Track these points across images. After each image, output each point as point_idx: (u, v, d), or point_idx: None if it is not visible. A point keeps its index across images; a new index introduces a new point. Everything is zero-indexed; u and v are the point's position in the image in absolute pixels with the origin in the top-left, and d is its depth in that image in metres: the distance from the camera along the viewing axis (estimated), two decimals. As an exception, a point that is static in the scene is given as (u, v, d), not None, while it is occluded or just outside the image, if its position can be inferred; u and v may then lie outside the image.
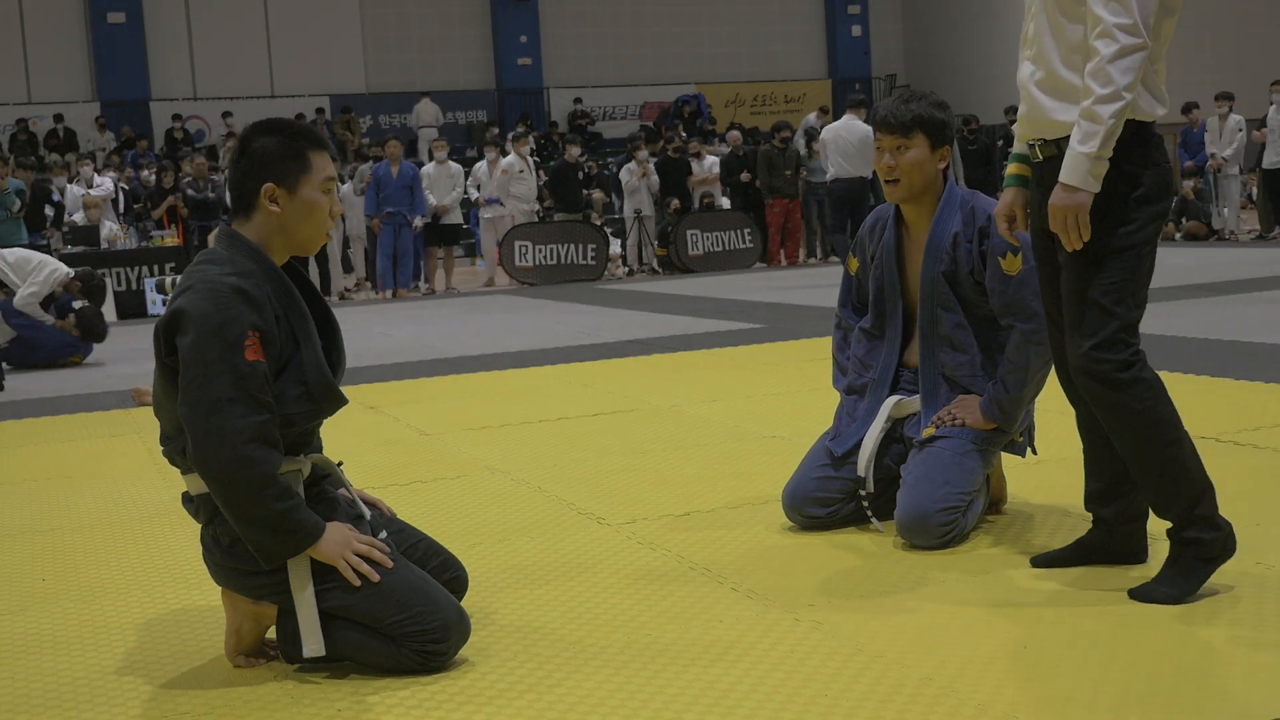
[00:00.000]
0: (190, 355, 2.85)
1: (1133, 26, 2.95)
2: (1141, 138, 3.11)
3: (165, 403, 3.00)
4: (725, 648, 3.02)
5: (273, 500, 2.83)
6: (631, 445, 5.59)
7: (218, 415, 2.81)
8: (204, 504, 3.02)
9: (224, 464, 2.81)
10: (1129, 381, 3.13)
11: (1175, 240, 17.97)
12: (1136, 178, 3.11)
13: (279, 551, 2.88)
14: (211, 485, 2.85)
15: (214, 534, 3.02)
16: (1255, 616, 3.02)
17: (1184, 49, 27.57)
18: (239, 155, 3.04)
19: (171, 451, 3.05)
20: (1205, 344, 7.66)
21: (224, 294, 2.87)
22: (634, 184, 17.98)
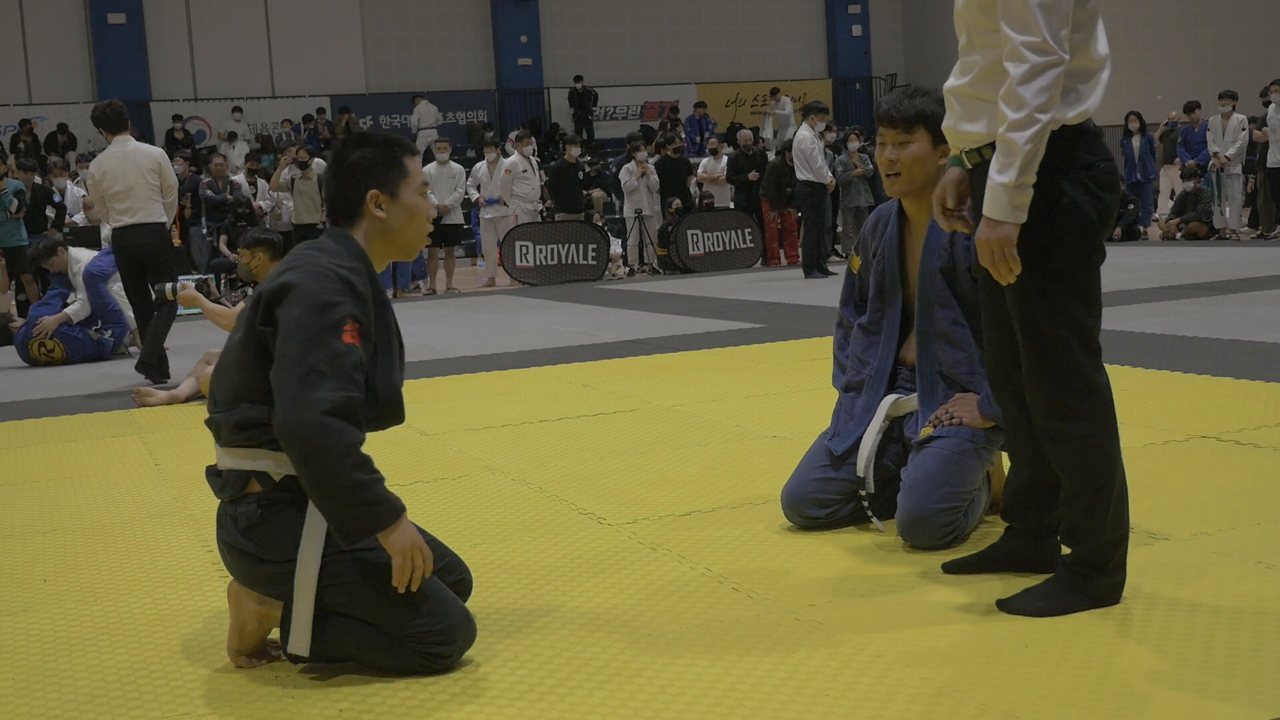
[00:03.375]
0: (291, 326, 2.87)
1: (1041, 44, 2.85)
2: (1065, 141, 2.99)
3: (233, 370, 3.02)
4: (725, 648, 3.02)
5: (354, 470, 2.81)
6: (632, 445, 5.59)
7: (309, 385, 2.82)
8: (232, 480, 3.03)
9: (309, 430, 2.79)
10: (1080, 415, 3.05)
11: (1176, 239, 17.97)
12: (1061, 192, 2.98)
13: (356, 525, 2.85)
14: (294, 452, 2.82)
15: (233, 513, 3.03)
16: (1257, 618, 3.02)
17: (1185, 48, 27.59)
18: (335, 167, 3.12)
19: (217, 419, 3.04)
20: (1206, 343, 7.66)
21: (332, 278, 2.93)
22: (634, 184, 17.98)
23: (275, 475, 2.99)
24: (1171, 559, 3.50)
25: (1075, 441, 3.06)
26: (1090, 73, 3.01)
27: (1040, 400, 3.09)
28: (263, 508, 2.99)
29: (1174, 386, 6.25)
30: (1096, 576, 3.13)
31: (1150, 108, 22.96)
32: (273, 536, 2.98)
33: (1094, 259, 3.04)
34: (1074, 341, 3.02)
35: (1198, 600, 3.15)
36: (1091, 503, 3.09)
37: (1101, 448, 3.07)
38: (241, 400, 2.98)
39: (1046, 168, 2.95)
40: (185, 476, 5.50)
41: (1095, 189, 3.00)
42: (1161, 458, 4.74)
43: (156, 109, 26.20)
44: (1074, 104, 2.99)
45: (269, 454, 2.98)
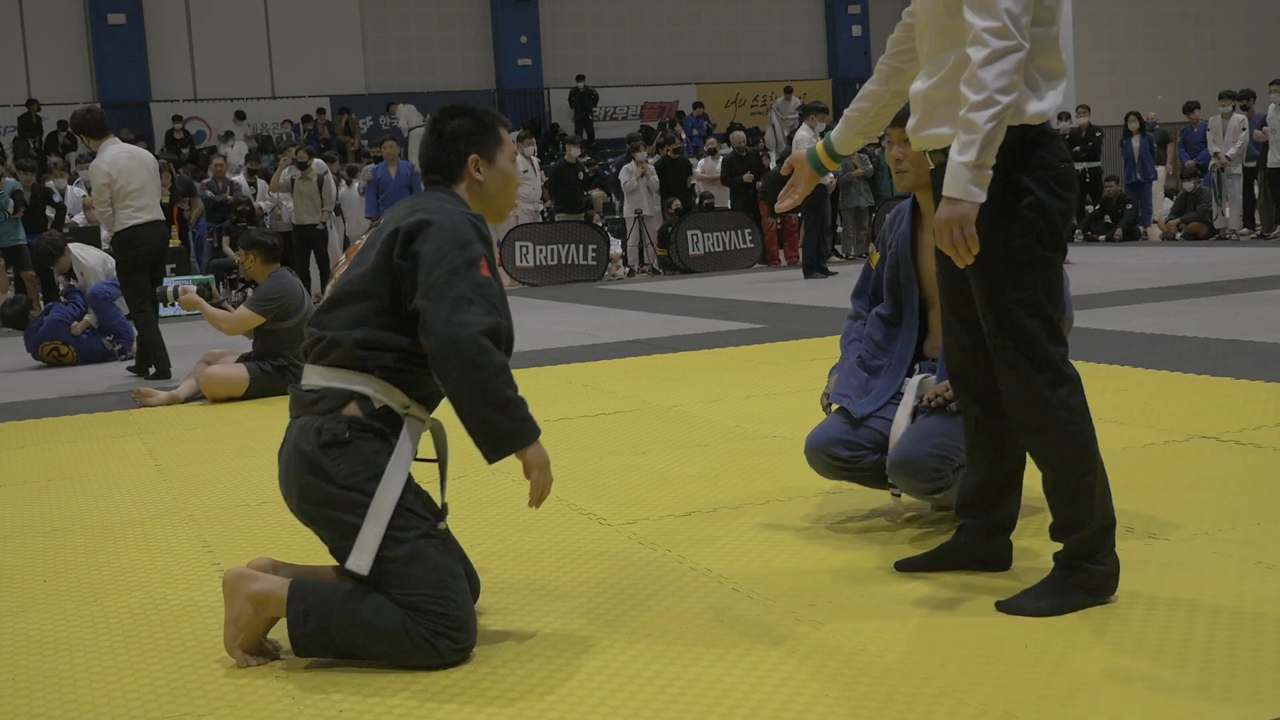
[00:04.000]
0: (434, 258, 3.03)
1: (1001, 29, 2.89)
2: (1027, 141, 3.04)
3: (358, 298, 3.12)
4: (726, 648, 3.02)
5: (508, 386, 3.01)
6: (632, 445, 5.59)
7: (461, 309, 2.99)
8: (331, 395, 3.10)
9: (467, 345, 2.96)
10: (1055, 404, 3.08)
11: (1176, 240, 17.97)
12: (1022, 189, 3.04)
13: (507, 438, 3.01)
14: (453, 365, 2.97)
15: (319, 425, 3.09)
16: (1257, 618, 3.02)
17: (1185, 48, 27.59)
18: (435, 134, 3.30)
19: (334, 336, 3.12)
20: (1206, 343, 7.66)
21: (465, 220, 3.13)
22: (633, 184, 17.98)
23: (376, 402, 3.10)
24: (1171, 559, 3.50)
25: (1053, 432, 3.09)
26: (1054, 74, 3.08)
27: (1015, 394, 3.11)
28: (352, 430, 3.08)
29: (1174, 386, 6.25)
30: (1089, 567, 3.14)
31: (1150, 108, 22.96)
32: (351, 460, 3.06)
33: (1057, 255, 3.11)
34: (1042, 333, 3.07)
35: (1198, 600, 3.15)
36: (1075, 491, 3.11)
37: (1080, 436, 3.09)
38: (367, 325, 3.10)
39: (1010, 166, 3.00)
40: (185, 477, 5.50)
41: (1057, 188, 3.06)
42: (1161, 458, 4.74)
43: (156, 109, 26.19)
44: (1036, 103, 3.04)
45: (378, 381, 3.10)
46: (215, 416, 7.26)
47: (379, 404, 3.11)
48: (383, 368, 3.10)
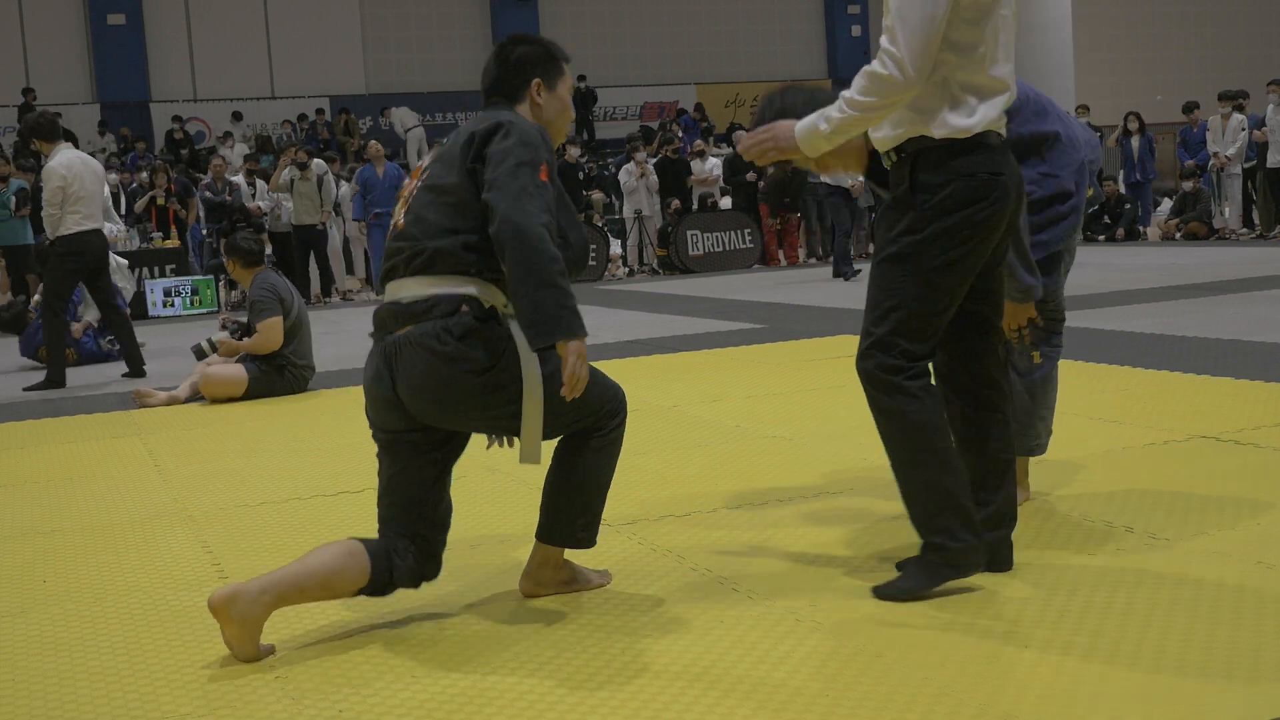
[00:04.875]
0: (500, 156, 3.21)
1: (898, 59, 3.13)
2: (949, 151, 3.22)
3: (448, 208, 3.27)
4: (726, 648, 3.02)
5: (562, 276, 3.16)
6: (632, 445, 5.57)
7: (524, 199, 3.15)
8: (445, 301, 3.22)
9: (528, 230, 3.11)
10: (894, 387, 3.26)
11: (1176, 240, 17.97)
12: (933, 190, 3.22)
13: (553, 325, 3.14)
14: (514, 247, 3.11)
15: (445, 325, 3.21)
16: (1257, 617, 3.02)
17: (1185, 48, 27.58)
18: (501, 59, 3.50)
19: (439, 246, 3.25)
20: (1205, 343, 7.66)
21: (533, 128, 3.32)
22: (633, 184, 17.98)
23: (485, 302, 3.24)
24: (1171, 559, 3.50)
25: (887, 408, 3.28)
26: (984, 90, 3.22)
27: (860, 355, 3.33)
28: (476, 317, 3.22)
29: (1174, 386, 6.25)
30: (945, 543, 3.27)
31: (1150, 108, 22.96)
32: (490, 342, 3.22)
33: (959, 263, 3.24)
34: (910, 328, 3.26)
35: (1198, 600, 3.15)
36: (913, 470, 3.28)
37: (914, 419, 3.26)
38: (462, 231, 3.25)
39: (924, 170, 3.23)
40: (185, 477, 5.50)
41: (969, 199, 3.21)
42: (1161, 458, 4.74)
43: (156, 110, 26.19)
44: (962, 118, 3.21)
45: (481, 283, 3.25)
46: (215, 417, 7.26)
47: (487, 304, 3.25)
48: (489, 270, 3.25)
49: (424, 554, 3.36)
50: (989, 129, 3.24)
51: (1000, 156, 3.26)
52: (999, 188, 3.24)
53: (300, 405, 7.50)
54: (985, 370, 3.45)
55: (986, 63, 3.22)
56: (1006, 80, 3.26)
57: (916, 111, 3.23)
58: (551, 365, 3.27)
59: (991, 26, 3.21)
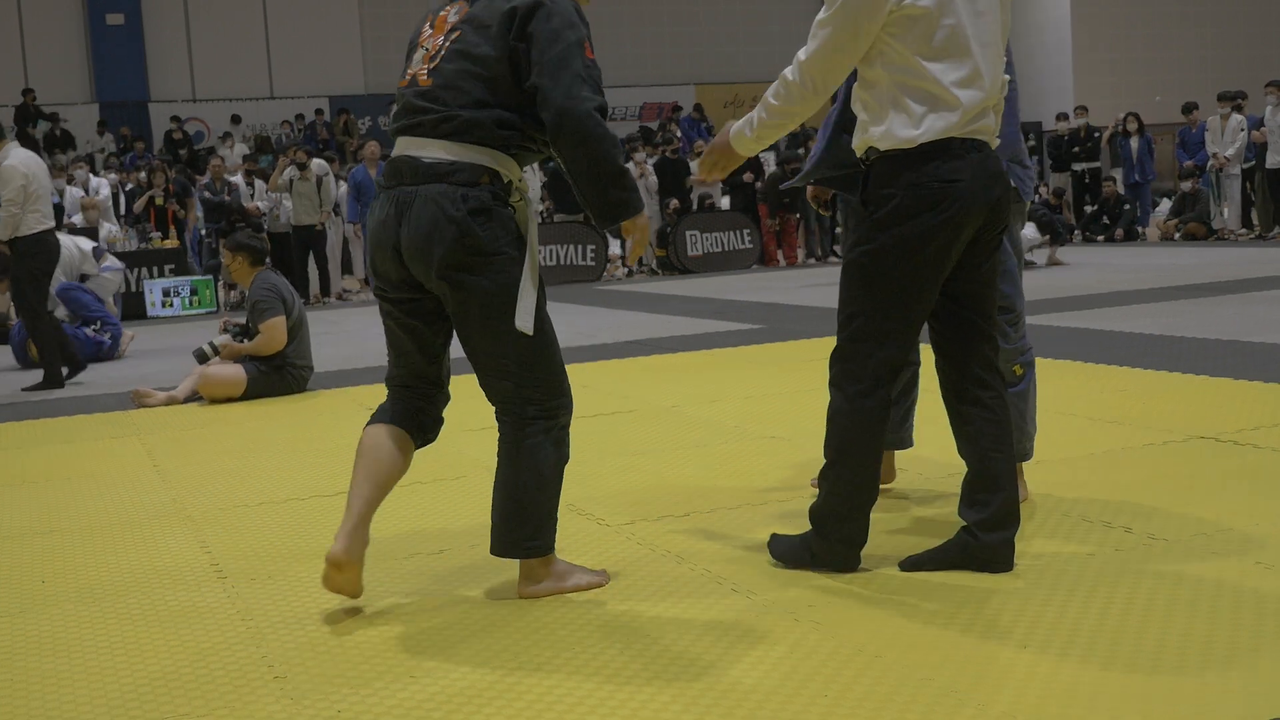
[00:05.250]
0: (548, 37, 3.28)
1: (804, 69, 3.34)
2: (897, 162, 3.32)
3: (481, 80, 3.33)
4: (725, 648, 3.02)
5: (619, 157, 3.32)
6: (631, 446, 5.59)
7: (576, 84, 3.26)
8: (467, 169, 3.32)
9: (585, 118, 3.25)
10: (842, 395, 3.45)
11: (1175, 240, 17.98)
12: (880, 201, 3.34)
13: (618, 207, 3.33)
14: (573, 136, 3.26)
15: (463, 194, 3.30)
16: (1256, 617, 3.02)
17: (1185, 48, 27.58)
18: None
19: (471, 116, 3.33)
20: (1204, 343, 7.66)
21: (571, 2, 3.36)
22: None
23: (505, 177, 3.35)
24: (1170, 559, 3.50)
25: (832, 411, 3.48)
26: (933, 99, 3.28)
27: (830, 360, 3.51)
28: (493, 198, 3.32)
29: (1172, 387, 6.25)
30: (818, 537, 3.51)
31: (1149, 108, 22.96)
32: (495, 228, 3.31)
33: (913, 270, 3.33)
34: (864, 332, 3.39)
35: (1196, 601, 3.15)
36: (834, 466, 3.48)
37: (842, 429, 3.45)
38: (495, 105, 3.32)
39: (877, 183, 3.35)
40: (184, 477, 5.50)
41: (920, 207, 3.29)
42: (1160, 458, 4.74)
43: (155, 110, 26.18)
44: (909, 128, 3.30)
45: (505, 157, 3.35)
46: (213, 417, 7.25)
47: (506, 178, 3.36)
48: (515, 144, 3.35)
49: (433, 410, 3.67)
50: (943, 138, 3.28)
51: (958, 163, 3.30)
52: (952, 195, 3.29)
53: (299, 405, 7.50)
54: (974, 373, 3.48)
55: (936, 73, 3.27)
56: (963, 88, 3.28)
57: (870, 122, 3.36)
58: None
59: (941, 38, 3.26)
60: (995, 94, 3.38)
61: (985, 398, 3.47)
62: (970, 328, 3.48)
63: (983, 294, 3.49)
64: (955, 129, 3.29)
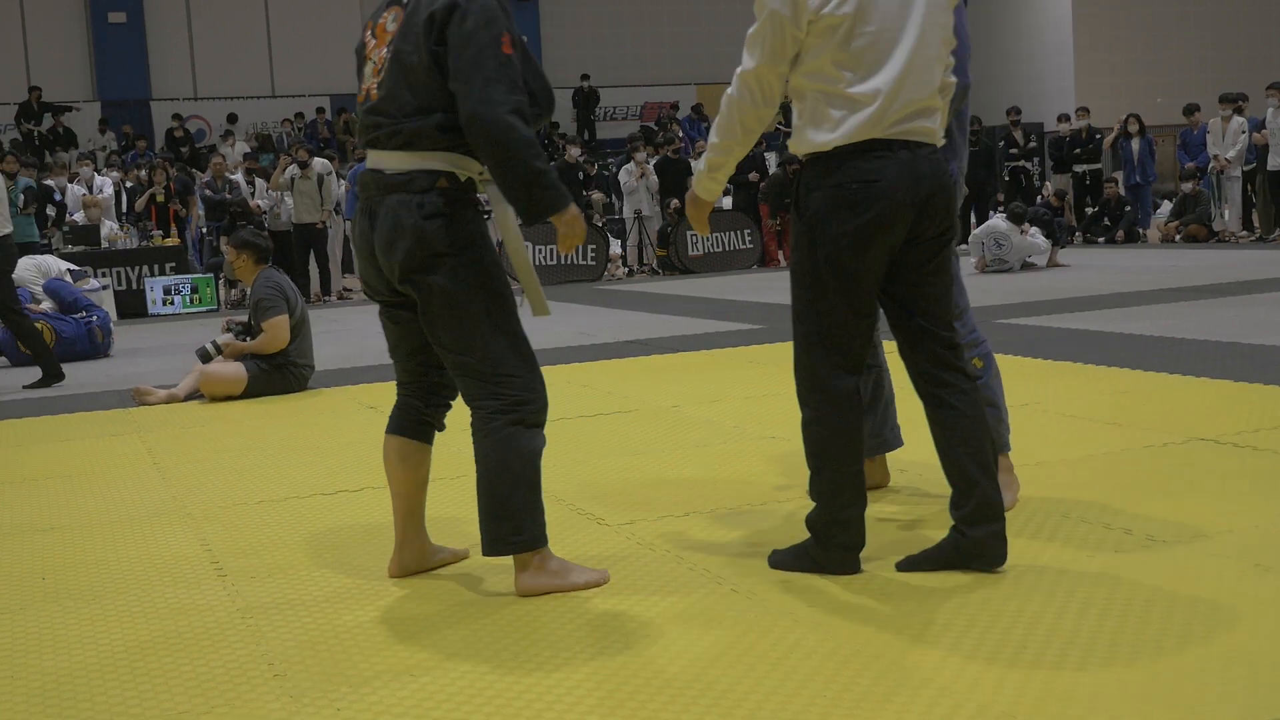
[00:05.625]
0: (461, 41, 3.34)
1: (742, 77, 3.39)
2: (818, 165, 3.39)
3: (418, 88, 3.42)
4: (725, 648, 3.02)
5: (537, 159, 3.35)
6: (631, 446, 5.59)
7: (490, 87, 3.32)
8: (421, 177, 3.42)
9: (497, 123, 3.30)
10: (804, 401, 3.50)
11: (1175, 242, 17.98)
12: (804, 206, 3.42)
13: (543, 204, 3.38)
14: (487, 143, 3.33)
15: (418, 200, 3.41)
16: (1256, 619, 3.02)
17: (1185, 49, 27.58)
18: None
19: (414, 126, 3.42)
20: (1205, 345, 7.66)
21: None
22: (633, 184, 17.98)
23: (461, 176, 3.45)
24: (1170, 561, 3.50)
25: (803, 424, 3.52)
26: (852, 102, 3.33)
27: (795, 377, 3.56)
28: (447, 200, 3.41)
29: (1172, 389, 6.26)
30: (817, 545, 3.53)
31: (1150, 110, 22.95)
32: (452, 227, 3.40)
33: (845, 272, 3.38)
34: (815, 340, 3.46)
35: (1196, 602, 3.15)
36: (814, 477, 3.52)
37: (816, 439, 3.49)
38: (437, 110, 3.40)
39: (800, 189, 3.43)
40: (184, 475, 5.50)
41: (843, 208, 3.34)
42: (1160, 460, 4.74)
43: (156, 108, 26.19)
44: (826, 131, 3.36)
45: (456, 157, 3.44)
46: (214, 415, 7.26)
47: (463, 177, 3.45)
48: (460, 145, 3.42)
49: (435, 400, 3.72)
50: (864, 139, 3.32)
51: (881, 163, 3.34)
52: (874, 194, 3.33)
53: (300, 404, 7.50)
54: (933, 374, 3.51)
55: (856, 78, 3.33)
56: (886, 92, 3.32)
57: (798, 127, 3.43)
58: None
59: (861, 45, 3.31)
60: (926, 97, 3.40)
61: (947, 396, 3.49)
62: (921, 331, 3.51)
63: (928, 295, 3.50)
64: (877, 130, 3.33)
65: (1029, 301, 11.02)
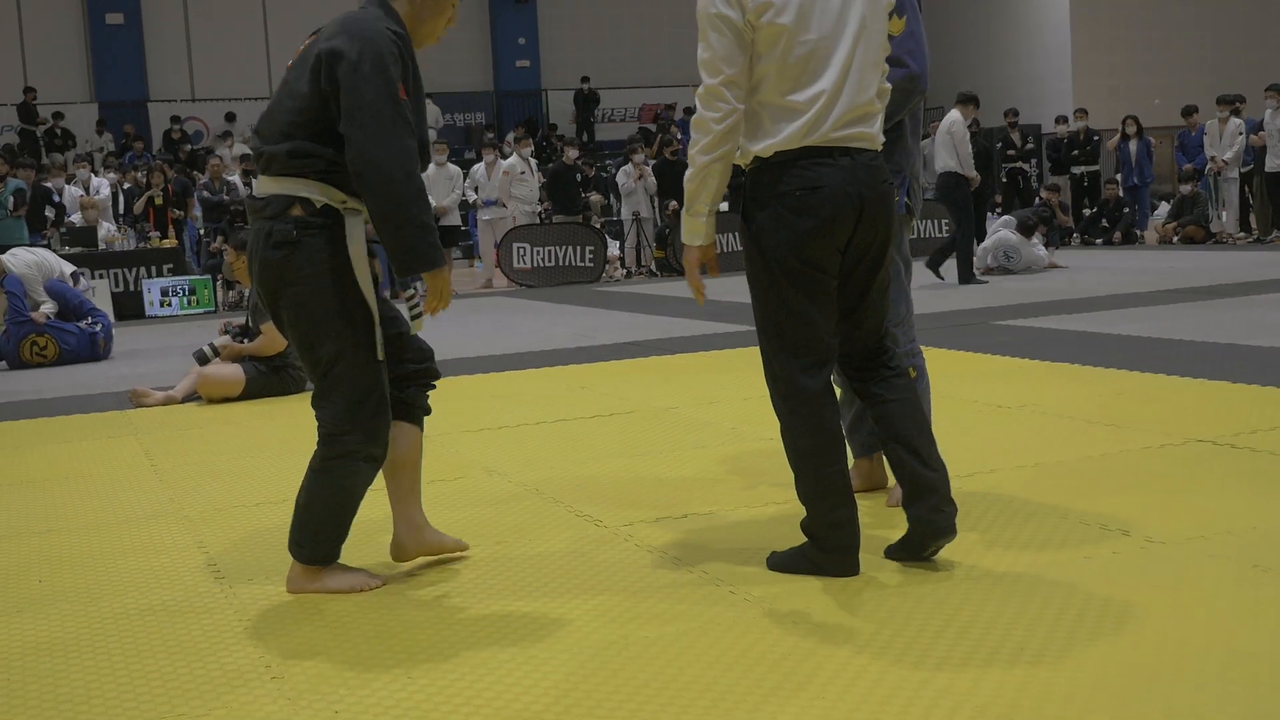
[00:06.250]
0: (357, 84, 3.34)
1: (700, 95, 3.40)
2: (761, 173, 3.43)
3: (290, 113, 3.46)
4: (722, 650, 3.01)
5: (424, 212, 3.38)
6: (629, 448, 5.59)
7: (383, 133, 3.32)
8: (276, 202, 3.45)
9: (390, 170, 3.32)
10: (780, 411, 3.53)
11: (1173, 243, 17.99)
12: (750, 214, 3.47)
13: (423, 257, 3.39)
14: (375, 188, 3.33)
15: (269, 229, 3.44)
16: (1253, 620, 3.02)
17: (1183, 52, 27.59)
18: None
19: (269, 150, 3.47)
20: (1203, 347, 7.66)
21: (386, 38, 3.41)
22: (631, 186, 17.99)
23: (316, 202, 3.45)
24: (1168, 562, 3.50)
25: (781, 431, 3.54)
26: (791, 111, 3.37)
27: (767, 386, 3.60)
28: (298, 229, 3.43)
29: (1170, 390, 6.26)
30: (815, 548, 3.53)
31: (1148, 111, 22.96)
32: (300, 257, 3.43)
33: (798, 276, 3.41)
34: (777, 345, 3.50)
35: (1194, 604, 3.15)
36: (797, 481, 3.53)
37: (792, 442, 3.51)
38: (296, 137, 3.43)
39: (747, 199, 3.47)
40: (181, 477, 5.50)
41: (787, 215, 3.38)
42: (1158, 461, 4.74)
43: (154, 109, 26.20)
44: (763, 139, 3.40)
45: (315, 184, 3.44)
46: (211, 417, 7.25)
47: (319, 203, 3.44)
48: (317, 171, 3.43)
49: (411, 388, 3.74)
50: (803, 145, 3.36)
51: (822, 169, 3.38)
52: (818, 200, 3.37)
53: (297, 406, 7.49)
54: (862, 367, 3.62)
55: (795, 87, 3.37)
56: (824, 99, 3.36)
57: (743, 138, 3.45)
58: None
59: (800, 54, 3.35)
60: (865, 103, 3.44)
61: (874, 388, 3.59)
62: (854, 333, 3.58)
63: (864, 307, 3.56)
64: (816, 138, 3.37)
65: (1027, 303, 11.03)
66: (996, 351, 7.93)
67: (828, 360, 3.51)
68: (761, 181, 3.43)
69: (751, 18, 3.34)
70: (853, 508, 3.51)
